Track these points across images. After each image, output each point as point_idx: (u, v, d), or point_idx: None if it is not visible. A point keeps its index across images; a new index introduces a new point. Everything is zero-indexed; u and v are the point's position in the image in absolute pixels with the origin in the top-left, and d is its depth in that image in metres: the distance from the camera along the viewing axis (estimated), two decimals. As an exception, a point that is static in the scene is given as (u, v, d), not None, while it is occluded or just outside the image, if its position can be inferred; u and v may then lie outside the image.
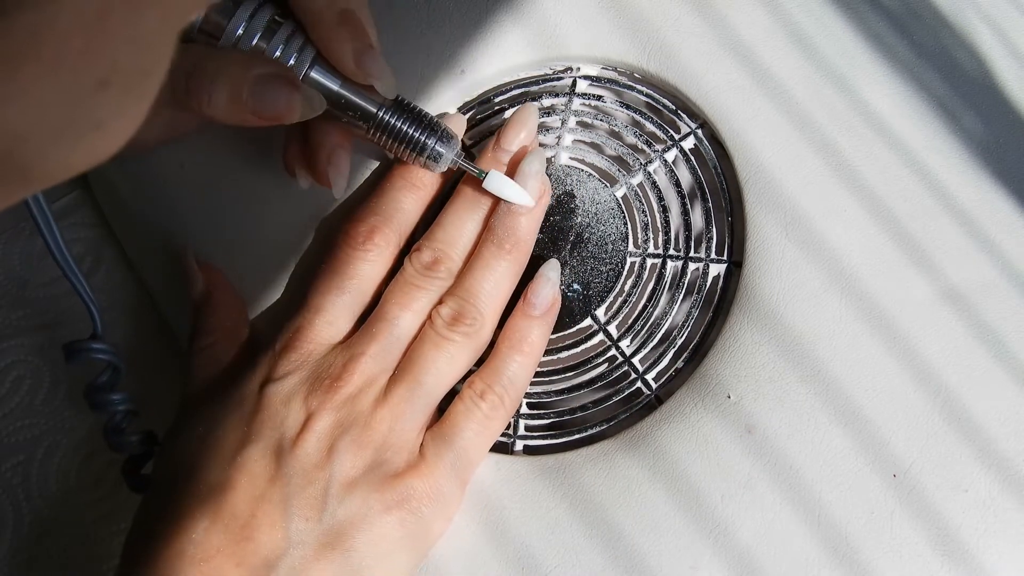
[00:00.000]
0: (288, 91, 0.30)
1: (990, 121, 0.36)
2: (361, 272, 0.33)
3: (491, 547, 0.33)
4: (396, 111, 0.32)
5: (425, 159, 0.33)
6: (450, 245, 0.33)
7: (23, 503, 0.37)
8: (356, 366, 0.31)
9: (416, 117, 0.33)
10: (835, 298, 0.34)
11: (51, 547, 0.37)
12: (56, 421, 0.38)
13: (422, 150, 0.33)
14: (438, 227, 0.34)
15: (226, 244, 0.37)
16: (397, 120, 0.32)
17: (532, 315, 0.33)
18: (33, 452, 0.38)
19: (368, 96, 0.32)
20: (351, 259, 0.33)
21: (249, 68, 0.29)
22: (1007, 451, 0.32)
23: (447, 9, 0.38)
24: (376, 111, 0.32)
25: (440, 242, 0.33)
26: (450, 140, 0.33)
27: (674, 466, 0.33)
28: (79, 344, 0.32)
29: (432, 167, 0.34)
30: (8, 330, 0.39)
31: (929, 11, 0.38)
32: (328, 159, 0.33)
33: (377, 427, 0.31)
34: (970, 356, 0.33)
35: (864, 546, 0.32)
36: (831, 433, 0.33)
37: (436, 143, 0.33)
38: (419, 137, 0.33)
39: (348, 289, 0.33)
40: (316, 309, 0.33)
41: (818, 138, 0.36)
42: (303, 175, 0.34)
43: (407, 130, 0.33)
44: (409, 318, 0.32)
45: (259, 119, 0.30)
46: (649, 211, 0.36)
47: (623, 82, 0.38)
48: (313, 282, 0.33)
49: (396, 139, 0.33)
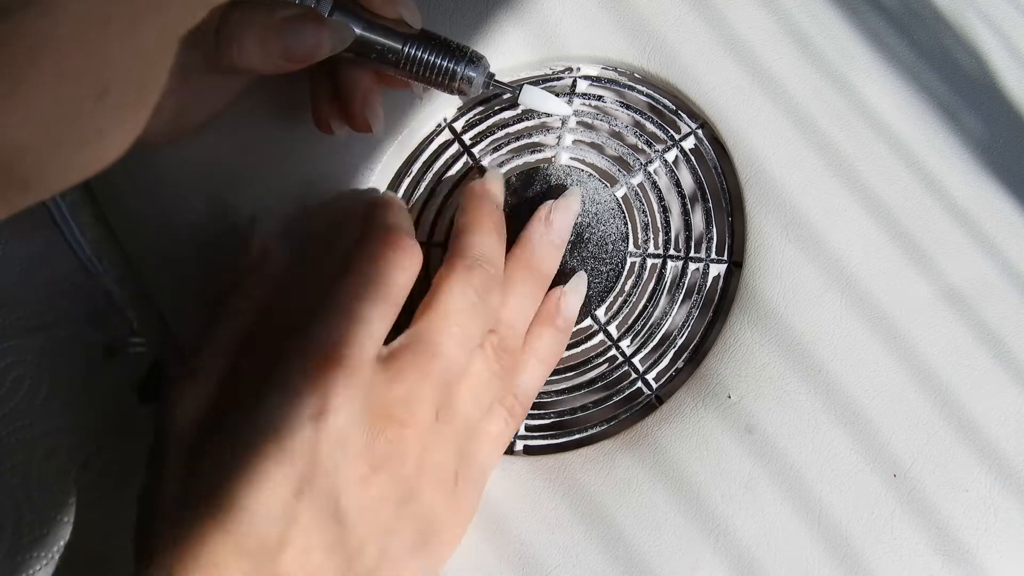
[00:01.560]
0: (315, 27, 0.30)
1: (990, 121, 0.36)
2: (401, 281, 0.30)
3: (491, 547, 0.33)
4: (422, 42, 0.33)
5: (457, 85, 0.33)
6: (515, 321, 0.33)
7: (23, 503, 0.37)
8: (417, 412, 0.29)
9: (443, 45, 0.33)
10: (835, 298, 0.34)
11: (51, 547, 0.37)
12: (56, 421, 0.38)
13: (453, 76, 0.33)
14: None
15: (226, 244, 0.37)
16: (424, 51, 0.33)
17: (559, 326, 0.33)
18: (33, 452, 0.38)
19: (393, 32, 0.32)
20: (393, 264, 0.30)
21: (274, 13, 0.30)
22: (1007, 451, 0.32)
23: (447, 9, 0.38)
24: (402, 46, 0.32)
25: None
26: (479, 62, 0.33)
27: (674, 466, 0.33)
28: (120, 342, 0.33)
29: (465, 90, 0.33)
30: (8, 330, 0.39)
31: (929, 11, 0.38)
32: (363, 103, 0.34)
33: (426, 483, 0.29)
34: (970, 356, 0.33)
35: (864, 546, 0.32)
36: (831, 433, 0.33)
37: (466, 68, 0.33)
38: (448, 65, 0.33)
39: (391, 298, 0.30)
40: (359, 319, 0.29)
41: (818, 138, 0.36)
42: (339, 125, 0.34)
43: (436, 60, 0.33)
44: (465, 358, 0.31)
45: (290, 62, 0.30)
46: (649, 211, 0.36)
47: (623, 82, 0.38)
48: (347, 286, 0.30)
49: (426, 69, 0.33)
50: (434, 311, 0.30)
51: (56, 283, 0.40)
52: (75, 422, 0.38)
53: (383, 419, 0.28)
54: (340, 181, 0.37)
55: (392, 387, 0.28)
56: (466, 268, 0.31)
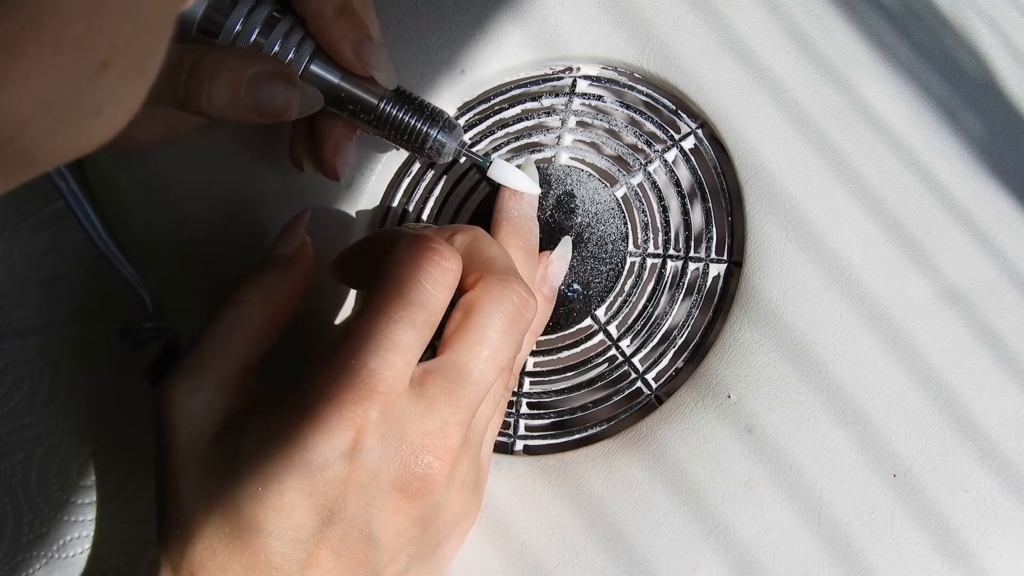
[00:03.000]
0: (285, 88, 0.30)
1: (990, 121, 0.36)
2: (441, 300, 0.29)
3: (491, 547, 0.33)
4: (397, 102, 0.32)
5: (428, 149, 0.33)
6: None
7: (23, 503, 0.37)
8: (450, 442, 0.28)
9: (418, 108, 0.33)
10: (835, 298, 0.34)
11: (51, 547, 0.37)
12: (57, 421, 0.38)
13: (424, 140, 0.33)
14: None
15: (226, 243, 0.37)
16: (398, 111, 0.32)
17: (546, 295, 0.33)
18: (33, 452, 0.38)
19: (369, 88, 0.32)
20: (434, 281, 0.28)
21: (247, 66, 0.29)
22: (1007, 451, 0.32)
23: (447, 9, 0.38)
24: (377, 103, 0.32)
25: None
26: (453, 129, 0.33)
27: (674, 466, 0.33)
28: (134, 326, 0.32)
29: (435, 157, 0.33)
30: (9, 330, 0.39)
31: (929, 11, 0.38)
32: (335, 150, 0.33)
33: (452, 498, 0.29)
34: (970, 356, 0.33)
35: (864, 546, 0.32)
36: (831, 433, 0.33)
37: (439, 133, 0.33)
38: (421, 127, 0.32)
39: (429, 322, 0.28)
40: (395, 347, 0.27)
41: (818, 138, 0.36)
42: (310, 167, 0.34)
43: (409, 121, 0.32)
44: (494, 382, 0.30)
45: (258, 117, 0.30)
46: (649, 211, 0.36)
47: (623, 82, 0.38)
48: (383, 305, 0.28)
49: (398, 130, 0.32)
50: (468, 336, 0.29)
51: (56, 283, 0.40)
52: (75, 422, 0.38)
53: (416, 451, 0.27)
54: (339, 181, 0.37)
55: (425, 420, 0.27)
56: (501, 291, 0.29)
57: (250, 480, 0.27)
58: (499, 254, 0.30)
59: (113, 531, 0.37)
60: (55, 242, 0.40)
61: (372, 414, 0.26)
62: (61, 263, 0.40)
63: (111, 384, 0.39)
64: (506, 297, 0.29)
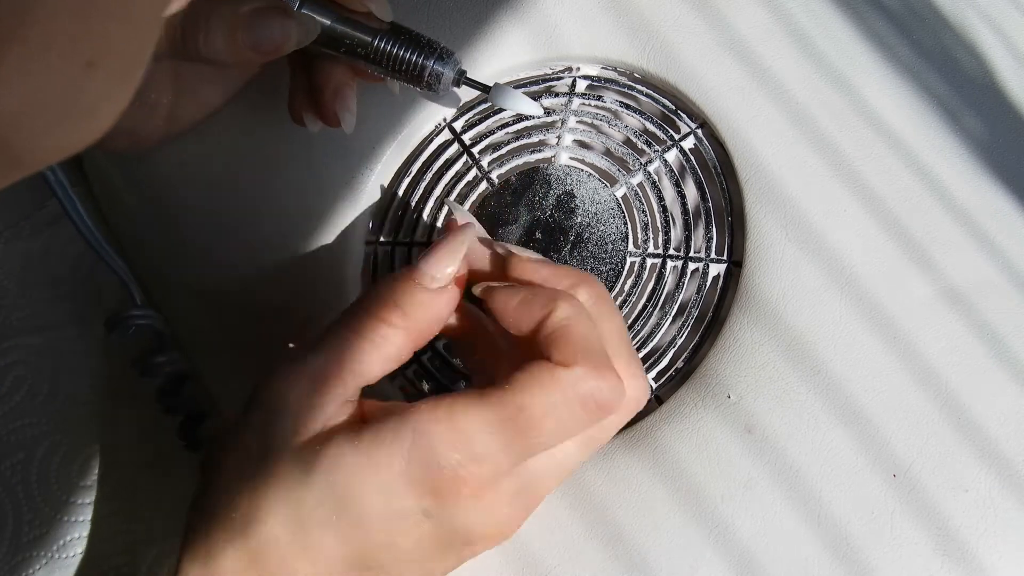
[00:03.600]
0: (282, 19, 0.30)
1: (990, 121, 0.36)
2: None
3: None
4: (393, 36, 0.32)
5: (428, 78, 0.33)
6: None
7: (23, 503, 0.37)
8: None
9: (414, 40, 0.32)
10: (835, 298, 0.34)
11: (51, 547, 0.37)
12: (57, 421, 0.38)
13: (422, 71, 0.32)
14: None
15: (226, 243, 0.37)
16: (394, 45, 0.32)
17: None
18: (33, 452, 0.38)
19: (363, 25, 0.32)
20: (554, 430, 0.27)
21: (241, 3, 0.30)
22: (1007, 451, 0.32)
23: (447, 9, 0.38)
24: (372, 39, 0.32)
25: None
26: (450, 58, 0.33)
27: (674, 466, 0.33)
28: (121, 315, 0.32)
29: (435, 86, 0.33)
30: (8, 330, 0.39)
31: (929, 11, 0.38)
32: (334, 97, 0.33)
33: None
34: (970, 356, 0.33)
35: (864, 546, 0.32)
36: (831, 433, 0.33)
37: (435, 63, 0.32)
38: (417, 59, 0.32)
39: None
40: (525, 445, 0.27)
41: (818, 138, 0.36)
42: (311, 119, 0.34)
43: (405, 54, 0.32)
44: None
45: (257, 53, 0.30)
46: (649, 211, 0.36)
47: (623, 82, 0.38)
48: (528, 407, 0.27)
49: (396, 64, 0.32)
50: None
51: (56, 283, 0.40)
52: (75, 422, 0.38)
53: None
54: (340, 181, 0.37)
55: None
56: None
57: (318, 501, 0.26)
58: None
59: (113, 531, 0.37)
60: (55, 242, 0.40)
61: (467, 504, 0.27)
62: (61, 263, 0.40)
63: (111, 384, 0.39)
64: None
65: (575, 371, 0.26)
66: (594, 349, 0.27)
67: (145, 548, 0.38)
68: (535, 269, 0.29)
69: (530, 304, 0.27)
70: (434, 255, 0.29)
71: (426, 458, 0.26)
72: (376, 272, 0.37)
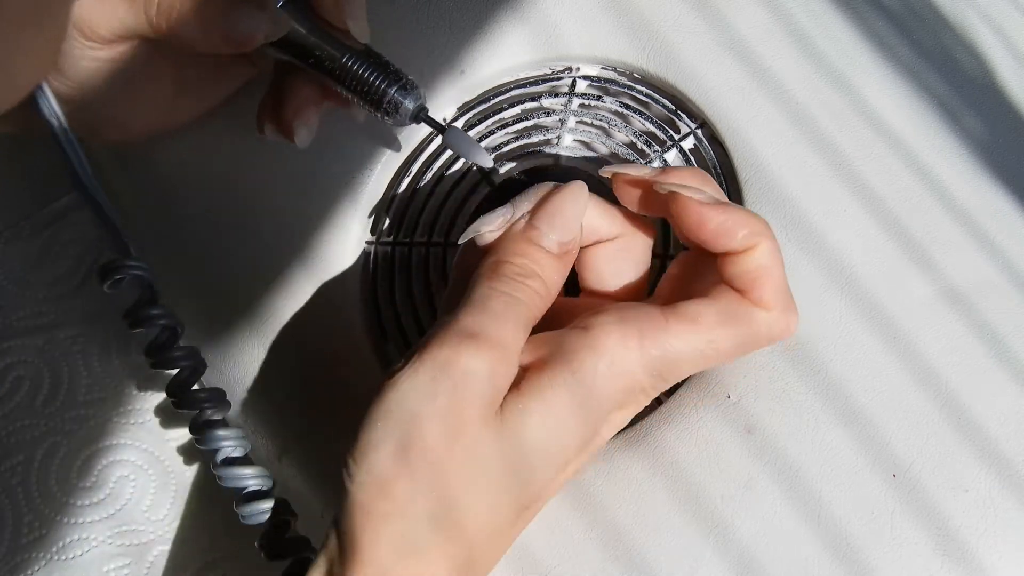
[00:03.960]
0: (253, 11, 0.30)
1: (990, 121, 0.36)
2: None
3: (491, 547, 0.33)
4: (362, 58, 0.32)
5: (385, 105, 0.32)
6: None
7: (23, 504, 0.37)
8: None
9: (382, 66, 0.32)
10: (835, 298, 0.34)
11: (51, 547, 0.37)
12: (56, 422, 0.38)
13: (382, 97, 0.32)
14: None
15: (226, 242, 0.37)
16: (361, 66, 0.32)
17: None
18: (33, 452, 0.38)
19: (337, 41, 0.32)
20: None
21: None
22: (1007, 451, 0.32)
23: (447, 9, 0.38)
24: (341, 56, 0.32)
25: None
26: (413, 90, 0.32)
27: (674, 466, 0.33)
28: (115, 262, 0.32)
29: (393, 115, 0.33)
30: (8, 330, 0.39)
31: (929, 11, 0.38)
32: (295, 111, 0.34)
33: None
34: (970, 356, 0.33)
35: (864, 546, 0.32)
36: (831, 433, 0.33)
37: (397, 91, 0.32)
38: (380, 85, 0.32)
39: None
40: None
41: (818, 138, 0.36)
42: (270, 129, 0.34)
43: (369, 77, 0.32)
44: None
45: (229, 43, 0.30)
46: (649, 211, 0.36)
47: (623, 82, 0.38)
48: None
49: (359, 84, 0.32)
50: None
51: (56, 283, 0.40)
52: (75, 422, 0.38)
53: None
54: (340, 181, 0.37)
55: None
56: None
57: (530, 461, 0.27)
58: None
59: (113, 532, 0.37)
60: (55, 242, 0.40)
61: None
62: (61, 263, 0.40)
63: (111, 385, 0.39)
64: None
65: (772, 314, 0.28)
66: (786, 293, 0.29)
67: (146, 549, 0.38)
68: (710, 216, 0.28)
69: (732, 231, 0.28)
70: (557, 218, 0.29)
71: (608, 396, 0.27)
72: (376, 272, 0.37)
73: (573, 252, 0.30)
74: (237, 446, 0.33)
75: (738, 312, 0.28)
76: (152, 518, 0.38)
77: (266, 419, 0.37)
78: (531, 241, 0.29)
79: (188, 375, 0.33)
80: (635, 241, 0.31)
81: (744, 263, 0.28)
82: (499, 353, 0.27)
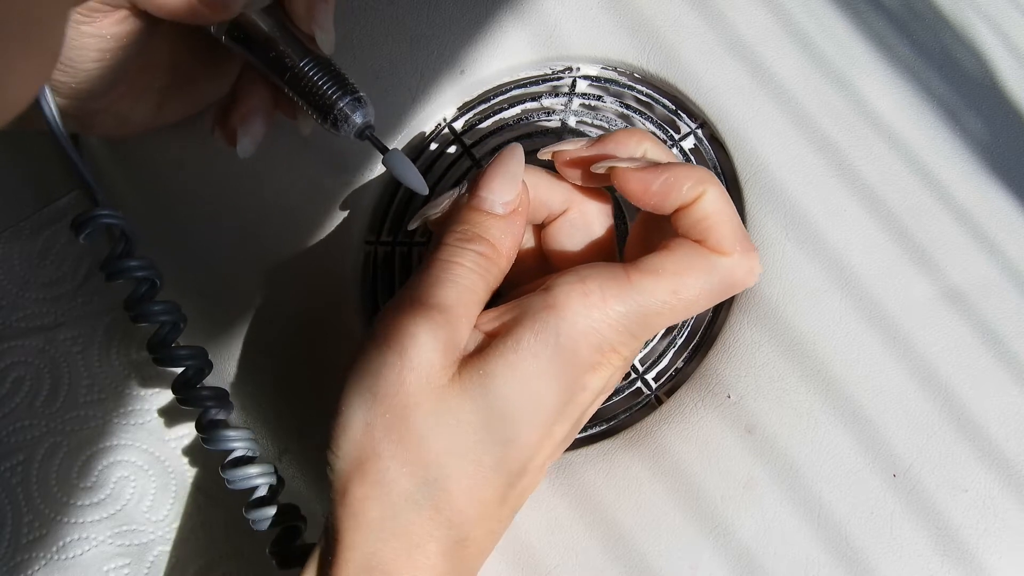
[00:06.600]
0: None
1: (990, 121, 0.36)
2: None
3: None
4: (322, 67, 0.32)
5: (333, 116, 0.32)
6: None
7: (23, 504, 0.37)
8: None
9: (337, 78, 0.32)
10: (835, 298, 0.34)
11: (51, 547, 0.37)
12: (56, 422, 0.38)
13: (331, 108, 0.31)
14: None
15: (226, 243, 0.37)
16: (317, 73, 0.31)
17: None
18: (33, 453, 0.38)
19: (300, 44, 0.32)
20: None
21: None
22: (1007, 451, 0.32)
23: (447, 9, 0.38)
24: (300, 60, 0.31)
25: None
26: (363, 107, 0.32)
27: (674, 466, 0.33)
28: (87, 214, 0.32)
29: (340, 127, 0.32)
30: (8, 331, 0.39)
31: (929, 11, 0.38)
32: (241, 118, 0.33)
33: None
34: (970, 356, 0.33)
35: (864, 546, 0.32)
36: (831, 433, 0.33)
37: (347, 105, 0.31)
38: (331, 95, 0.31)
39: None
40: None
41: (818, 138, 0.36)
42: (218, 132, 0.34)
43: (323, 85, 0.31)
44: None
45: (208, 10, 0.30)
46: (649, 211, 0.36)
47: (623, 82, 0.38)
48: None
49: (310, 91, 0.31)
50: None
51: (56, 283, 0.40)
52: (75, 422, 0.38)
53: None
54: (340, 181, 0.37)
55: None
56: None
57: (503, 423, 0.27)
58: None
59: (113, 532, 0.37)
60: (55, 242, 0.40)
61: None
62: (61, 263, 0.40)
63: (111, 385, 0.39)
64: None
65: (732, 258, 0.28)
66: (741, 235, 0.29)
67: (146, 549, 0.38)
68: (649, 180, 0.29)
69: (675, 186, 0.28)
70: (495, 180, 0.30)
71: (576, 354, 0.27)
72: (376, 272, 0.37)
73: (522, 211, 0.30)
74: (247, 447, 0.33)
75: (697, 259, 0.28)
76: (152, 518, 0.38)
77: (266, 419, 0.37)
78: (473, 207, 0.29)
79: (193, 374, 0.33)
80: (588, 208, 0.32)
81: (693, 213, 0.28)
82: (440, 316, 0.27)
